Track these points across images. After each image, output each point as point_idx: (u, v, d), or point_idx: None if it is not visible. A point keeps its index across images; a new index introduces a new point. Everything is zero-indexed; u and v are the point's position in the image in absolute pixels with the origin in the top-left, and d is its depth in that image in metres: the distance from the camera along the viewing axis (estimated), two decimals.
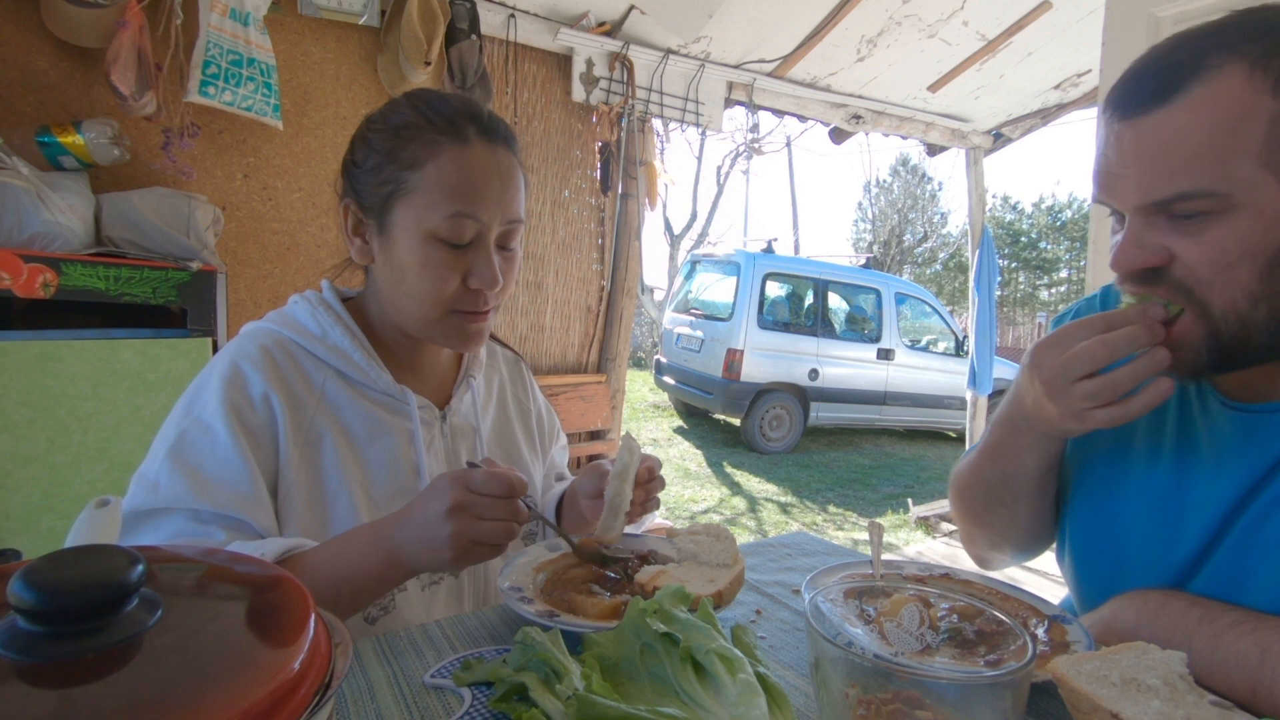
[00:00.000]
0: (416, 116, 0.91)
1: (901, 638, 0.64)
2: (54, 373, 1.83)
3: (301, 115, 2.70)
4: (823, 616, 0.61)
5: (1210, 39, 0.68)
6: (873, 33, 3.73)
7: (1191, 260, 0.68)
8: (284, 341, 0.94)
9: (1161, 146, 0.67)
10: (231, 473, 0.84)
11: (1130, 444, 0.87)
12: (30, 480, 1.81)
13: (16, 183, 1.83)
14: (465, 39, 2.87)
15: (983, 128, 5.06)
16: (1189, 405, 0.83)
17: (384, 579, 0.80)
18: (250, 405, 0.88)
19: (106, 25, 2.11)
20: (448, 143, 0.90)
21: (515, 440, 1.15)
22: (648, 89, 3.61)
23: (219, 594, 0.41)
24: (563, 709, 0.55)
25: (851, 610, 0.67)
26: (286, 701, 0.32)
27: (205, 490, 0.81)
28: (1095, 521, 0.88)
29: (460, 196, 0.89)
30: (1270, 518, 0.72)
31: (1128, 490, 0.85)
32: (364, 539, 0.80)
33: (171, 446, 0.84)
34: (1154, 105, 0.68)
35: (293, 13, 2.62)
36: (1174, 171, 0.67)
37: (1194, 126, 0.66)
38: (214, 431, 0.85)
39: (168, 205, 2.12)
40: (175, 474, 0.82)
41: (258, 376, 0.89)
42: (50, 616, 0.32)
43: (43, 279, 1.83)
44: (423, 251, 0.89)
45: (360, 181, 0.94)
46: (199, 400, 0.88)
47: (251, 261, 2.63)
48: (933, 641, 0.65)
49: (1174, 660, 0.60)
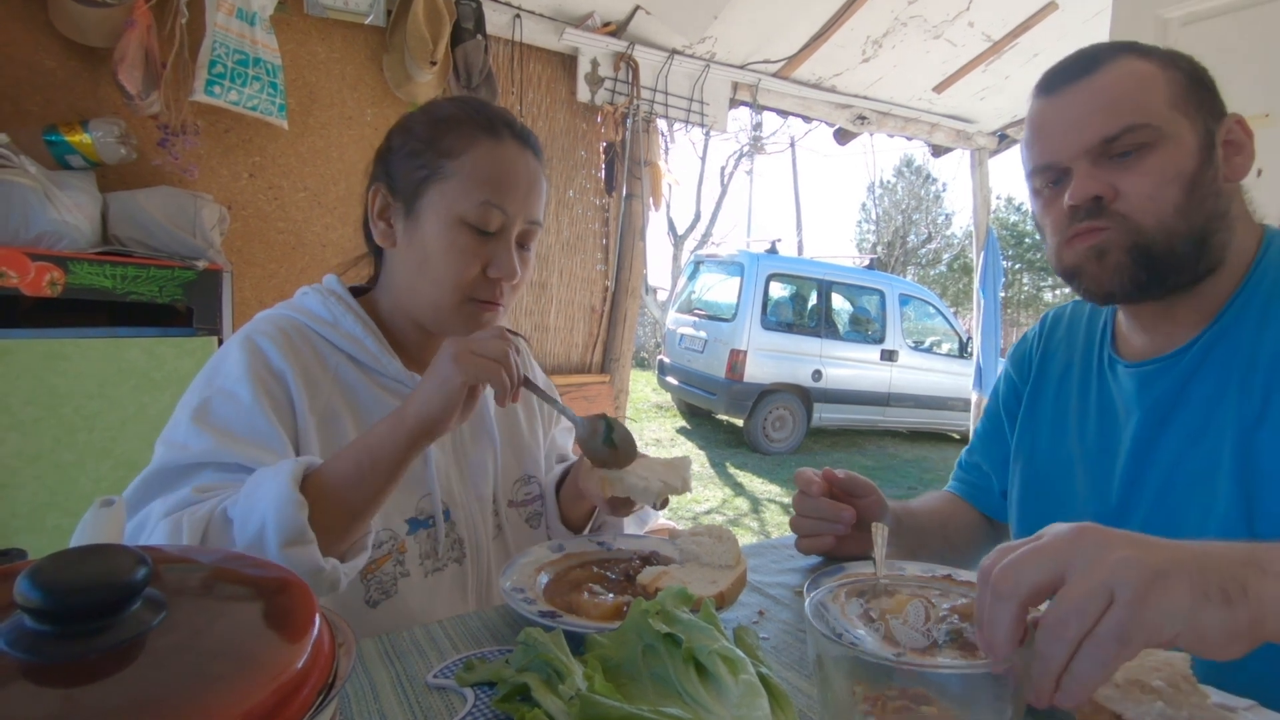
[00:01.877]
0: (459, 111, 0.97)
1: (908, 634, 0.64)
2: (60, 371, 1.83)
3: (307, 115, 2.70)
4: (824, 614, 0.61)
5: (1113, 47, 0.90)
6: (878, 33, 3.72)
7: (1132, 189, 0.84)
8: (298, 325, 0.96)
9: (1104, 96, 0.86)
10: (259, 433, 0.85)
11: (1065, 417, 1.05)
12: (36, 478, 1.82)
13: (24, 181, 1.84)
14: (471, 39, 2.88)
15: (988, 129, 5.05)
16: (1104, 374, 1.01)
17: (408, 454, 0.81)
18: (272, 376, 0.89)
19: (113, 24, 2.12)
20: (485, 137, 0.95)
21: (517, 420, 1.17)
22: (652, 89, 3.60)
23: (224, 594, 0.41)
24: (565, 709, 0.55)
25: (854, 610, 0.67)
26: (290, 701, 0.32)
27: (234, 446, 0.83)
28: (1041, 486, 1.06)
29: (492, 187, 0.93)
30: (1186, 458, 0.88)
31: (1069, 454, 1.02)
32: (385, 424, 0.82)
33: (196, 410, 0.85)
34: (1082, 76, 0.88)
35: (299, 12, 2.63)
36: (1119, 112, 0.84)
37: (1120, 82, 0.86)
38: (238, 397, 0.86)
39: (174, 204, 2.13)
40: (203, 434, 0.83)
41: (276, 352, 0.91)
42: (56, 616, 0.33)
43: (49, 277, 1.84)
44: (450, 235, 0.93)
45: (395, 166, 0.97)
46: (220, 372, 0.89)
47: (257, 261, 2.64)
48: (939, 638, 0.65)
49: (1177, 661, 0.60)
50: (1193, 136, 0.85)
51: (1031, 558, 0.53)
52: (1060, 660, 0.50)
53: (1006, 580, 0.53)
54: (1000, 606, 0.52)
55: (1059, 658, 0.50)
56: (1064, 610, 0.50)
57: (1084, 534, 0.53)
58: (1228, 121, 0.88)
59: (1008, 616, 0.52)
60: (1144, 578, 0.49)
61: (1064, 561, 0.52)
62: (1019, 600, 0.52)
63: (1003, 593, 0.52)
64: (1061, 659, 0.50)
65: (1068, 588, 0.51)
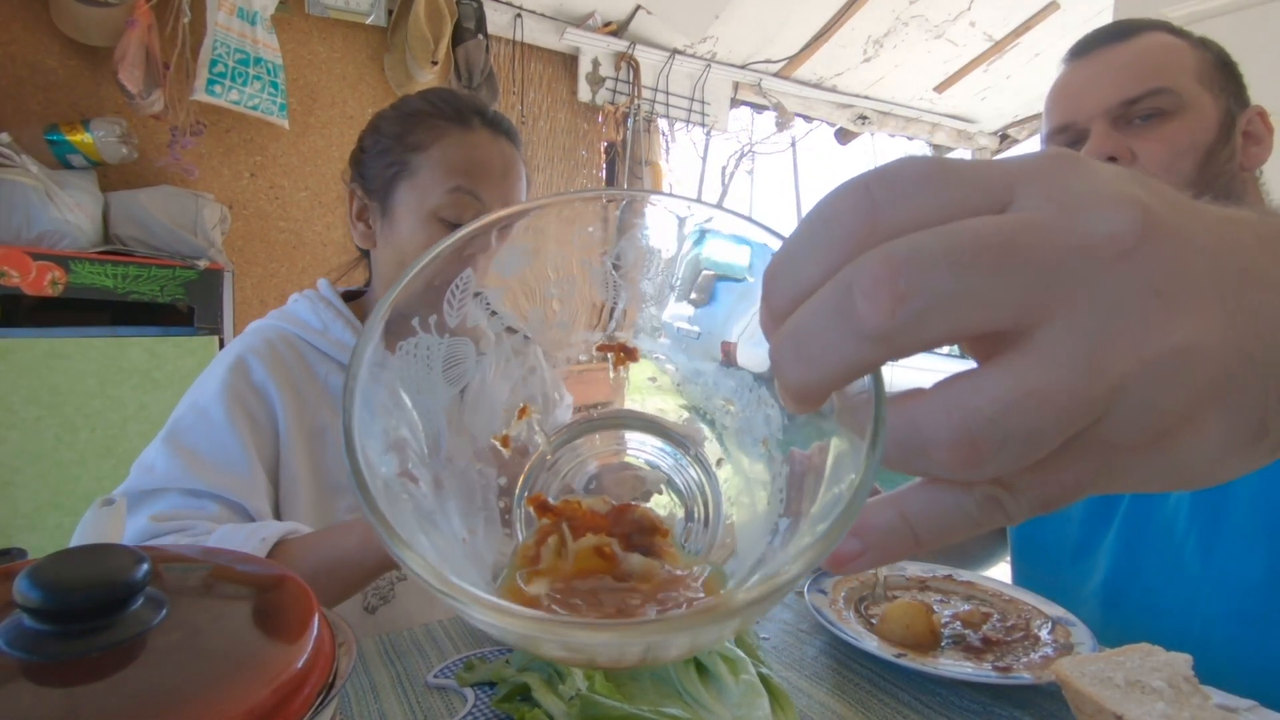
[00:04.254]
0: (425, 105, 0.95)
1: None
2: (61, 370, 1.83)
3: (308, 114, 2.70)
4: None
5: (1147, 22, 0.91)
6: (879, 33, 3.72)
7: (1148, 153, 0.84)
8: (288, 336, 0.95)
9: (1130, 60, 0.87)
10: (227, 456, 0.84)
11: None
12: (37, 477, 1.82)
13: (25, 181, 1.84)
14: (472, 39, 2.88)
15: (989, 129, 5.04)
16: None
17: (362, 563, 0.77)
18: (252, 392, 0.89)
19: (115, 24, 2.12)
20: (454, 127, 0.93)
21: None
22: (653, 89, 3.60)
23: (224, 594, 0.41)
24: (565, 709, 0.55)
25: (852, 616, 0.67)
26: (290, 701, 0.32)
27: (200, 470, 0.82)
28: None
29: (462, 173, 0.91)
30: None
31: None
32: (346, 523, 0.79)
33: (169, 431, 0.86)
34: (1113, 43, 0.89)
35: (300, 12, 2.63)
36: (1143, 75, 0.85)
37: (1149, 51, 0.86)
38: (211, 416, 0.86)
39: (175, 204, 2.13)
40: (171, 456, 0.83)
41: (260, 367, 0.90)
42: (56, 615, 0.33)
43: (51, 277, 1.84)
44: (425, 232, 0.91)
45: (366, 166, 0.97)
46: (201, 389, 0.89)
47: (258, 260, 2.64)
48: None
49: (1179, 662, 0.60)
50: (1214, 112, 0.85)
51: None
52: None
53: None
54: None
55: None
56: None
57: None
58: (1250, 112, 0.89)
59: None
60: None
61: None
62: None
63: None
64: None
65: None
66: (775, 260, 0.22)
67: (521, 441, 0.41)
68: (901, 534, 0.22)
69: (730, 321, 0.41)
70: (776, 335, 0.22)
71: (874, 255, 0.19)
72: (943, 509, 0.22)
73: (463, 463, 0.37)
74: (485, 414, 0.40)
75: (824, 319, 0.20)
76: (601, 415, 0.44)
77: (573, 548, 0.32)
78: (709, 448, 0.41)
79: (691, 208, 0.36)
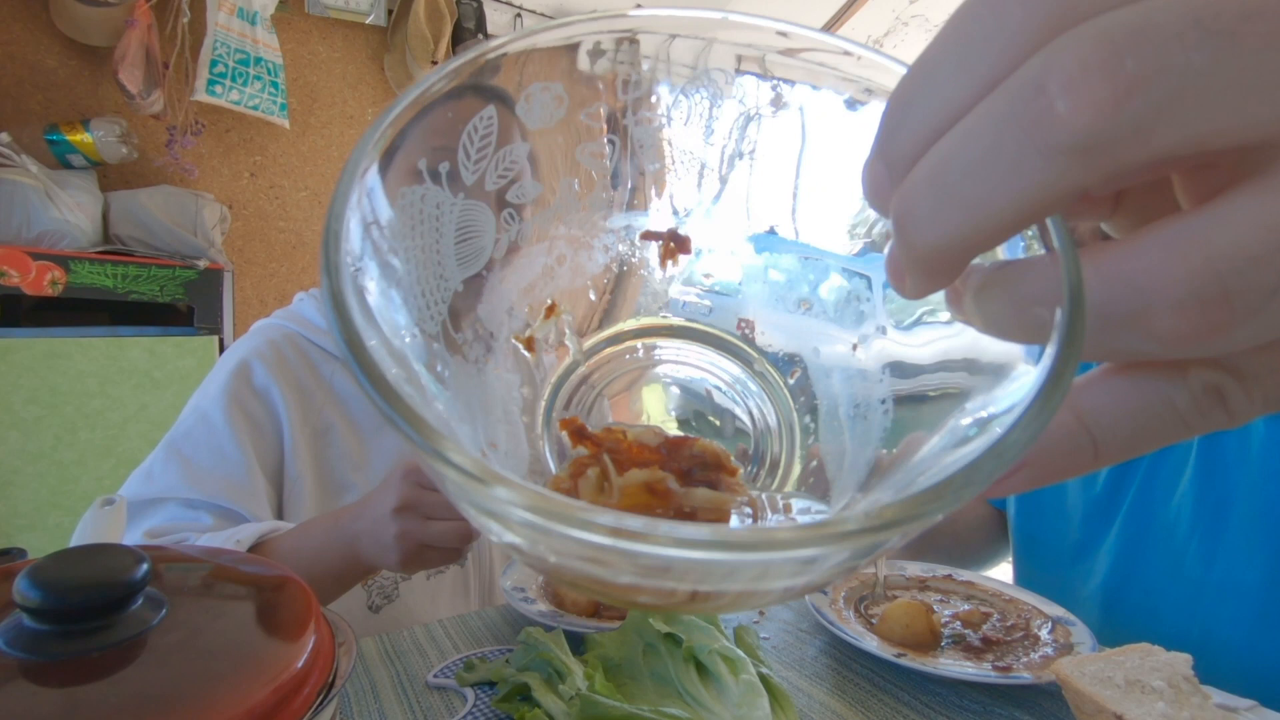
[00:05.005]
0: None
1: None
2: (61, 370, 1.83)
3: (308, 114, 2.70)
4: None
5: None
6: (879, 33, 3.72)
7: None
8: (292, 336, 0.96)
9: None
10: (225, 462, 0.84)
11: None
12: (37, 477, 1.82)
13: (25, 180, 1.84)
14: (472, 38, 2.88)
15: None
16: None
17: (344, 575, 0.77)
18: (254, 395, 0.89)
19: (115, 24, 2.12)
20: None
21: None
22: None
23: (223, 593, 0.41)
24: (565, 709, 0.55)
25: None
26: (290, 701, 0.32)
27: (197, 479, 0.82)
28: None
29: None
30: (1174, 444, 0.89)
31: None
32: (324, 530, 0.78)
33: (170, 438, 0.86)
34: None
35: (300, 12, 2.63)
36: None
37: None
38: (211, 421, 0.86)
39: (175, 204, 2.13)
40: (169, 464, 0.84)
41: (263, 369, 0.90)
42: (56, 615, 0.33)
43: (51, 277, 1.84)
44: None
45: None
46: (203, 394, 0.90)
47: (258, 260, 2.64)
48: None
49: (1179, 662, 0.60)
50: None
51: None
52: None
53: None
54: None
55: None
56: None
57: None
58: None
59: None
60: None
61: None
62: None
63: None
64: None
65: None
66: (907, 79, 0.16)
67: (549, 345, 0.34)
68: (1077, 441, 0.16)
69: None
70: (907, 181, 0.15)
71: (1079, 33, 0.13)
72: (1139, 405, 0.16)
73: (477, 362, 0.30)
74: (502, 307, 0.32)
75: (993, 136, 0.14)
76: (651, 322, 0.36)
77: (618, 482, 0.25)
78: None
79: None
